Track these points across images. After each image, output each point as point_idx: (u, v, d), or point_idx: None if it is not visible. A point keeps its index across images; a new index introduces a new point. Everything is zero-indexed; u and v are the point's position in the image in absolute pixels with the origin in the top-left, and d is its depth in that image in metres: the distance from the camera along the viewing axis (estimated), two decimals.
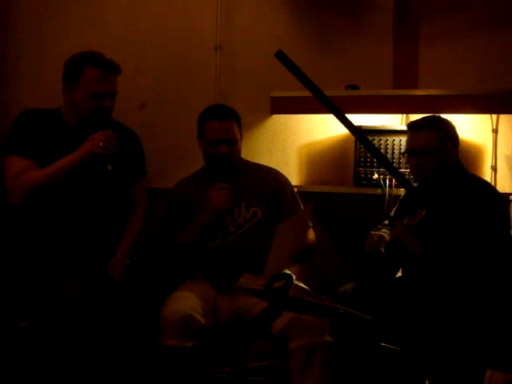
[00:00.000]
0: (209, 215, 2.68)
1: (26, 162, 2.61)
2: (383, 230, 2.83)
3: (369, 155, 3.27)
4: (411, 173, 2.84)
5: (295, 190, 2.94)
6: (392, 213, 2.99)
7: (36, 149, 2.63)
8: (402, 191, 3.15)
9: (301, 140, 3.49)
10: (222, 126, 2.73)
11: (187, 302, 2.58)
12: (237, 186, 2.76)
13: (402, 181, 2.02)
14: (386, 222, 2.96)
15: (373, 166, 3.28)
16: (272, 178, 2.86)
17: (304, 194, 2.91)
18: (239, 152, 2.81)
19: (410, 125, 2.83)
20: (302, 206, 2.84)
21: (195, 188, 2.83)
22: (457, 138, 2.79)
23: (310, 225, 2.81)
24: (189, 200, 2.81)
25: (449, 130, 2.77)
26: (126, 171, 2.77)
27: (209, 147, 2.76)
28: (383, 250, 2.71)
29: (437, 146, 2.70)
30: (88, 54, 2.67)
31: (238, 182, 2.79)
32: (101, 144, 2.56)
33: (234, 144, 2.75)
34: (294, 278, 1.78)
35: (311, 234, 2.81)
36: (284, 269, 2.66)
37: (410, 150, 2.77)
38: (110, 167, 2.60)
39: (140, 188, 2.89)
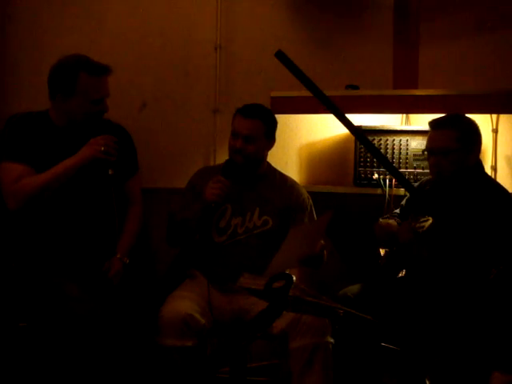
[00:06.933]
0: (200, 204, 2.67)
1: (21, 166, 2.61)
2: (391, 221, 2.82)
3: (369, 155, 3.27)
4: (429, 170, 2.77)
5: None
6: (403, 202, 2.94)
7: (29, 152, 2.63)
8: (402, 191, 3.15)
9: (301, 140, 3.48)
10: (244, 122, 2.75)
11: (187, 301, 2.59)
12: (256, 191, 2.78)
13: (402, 181, 2.02)
14: (397, 210, 2.93)
15: (373, 166, 3.28)
16: (293, 194, 2.84)
17: None
18: (258, 153, 2.78)
19: (432, 122, 2.74)
20: None
21: (210, 178, 2.81)
22: (479, 138, 2.70)
23: (323, 242, 2.74)
24: (199, 187, 2.79)
25: (471, 130, 2.69)
26: (118, 167, 2.76)
27: (230, 139, 2.78)
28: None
29: (456, 147, 2.62)
30: (77, 59, 2.64)
31: (258, 187, 2.80)
32: (102, 149, 2.57)
33: (251, 142, 2.74)
34: (294, 278, 1.78)
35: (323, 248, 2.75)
36: (287, 269, 2.66)
37: (429, 149, 2.71)
38: (110, 172, 2.61)
39: (134, 184, 2.88)
